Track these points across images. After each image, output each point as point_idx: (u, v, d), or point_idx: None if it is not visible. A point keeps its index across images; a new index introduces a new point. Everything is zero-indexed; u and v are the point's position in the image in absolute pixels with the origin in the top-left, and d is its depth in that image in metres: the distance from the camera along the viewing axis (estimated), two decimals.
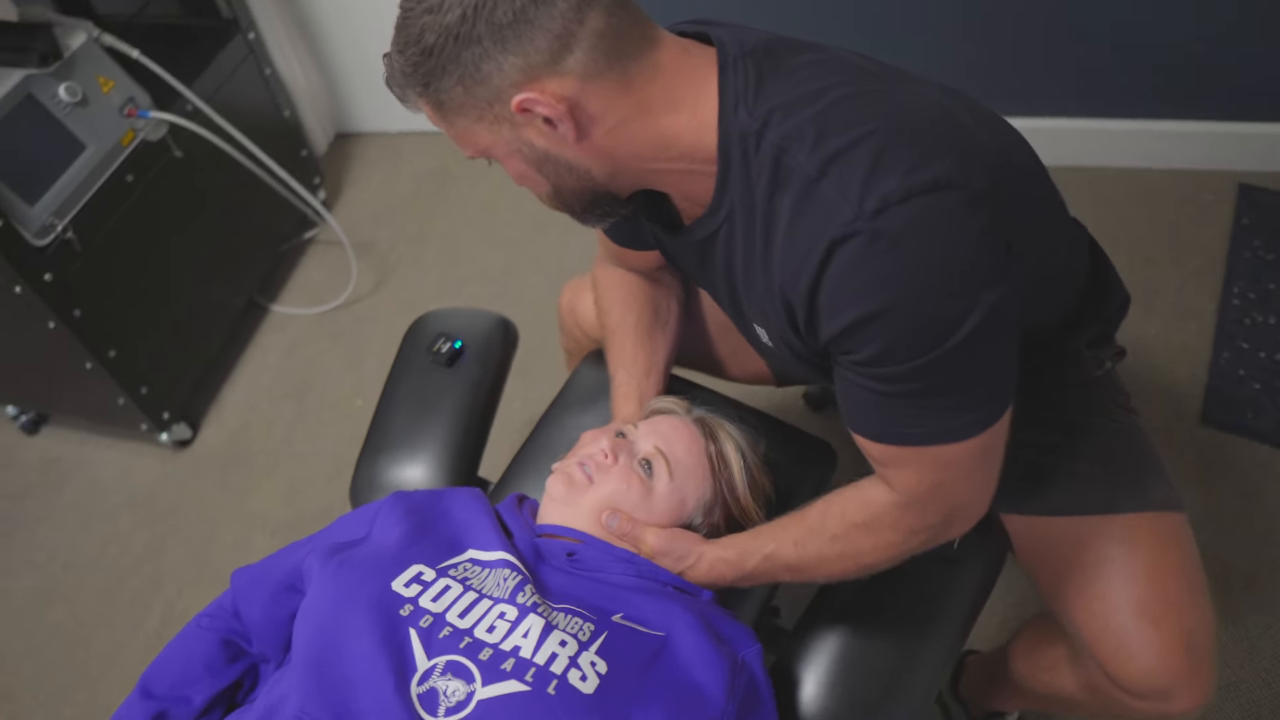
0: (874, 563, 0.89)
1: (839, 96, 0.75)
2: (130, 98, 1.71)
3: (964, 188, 0.71)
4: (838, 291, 0.73)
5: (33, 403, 2.01)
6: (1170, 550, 0.97)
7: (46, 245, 1.55)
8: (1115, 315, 1.03)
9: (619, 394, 1.15)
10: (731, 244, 0.84)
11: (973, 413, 0.78)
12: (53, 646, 1.70)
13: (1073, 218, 1.00)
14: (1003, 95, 2.11)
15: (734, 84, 0.77)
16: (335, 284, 2.24)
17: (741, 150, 0.77)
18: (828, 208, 0.71)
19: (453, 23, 0.72)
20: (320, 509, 1.83)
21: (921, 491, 0.83)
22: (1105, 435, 1.02)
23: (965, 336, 0.72)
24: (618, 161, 0.81)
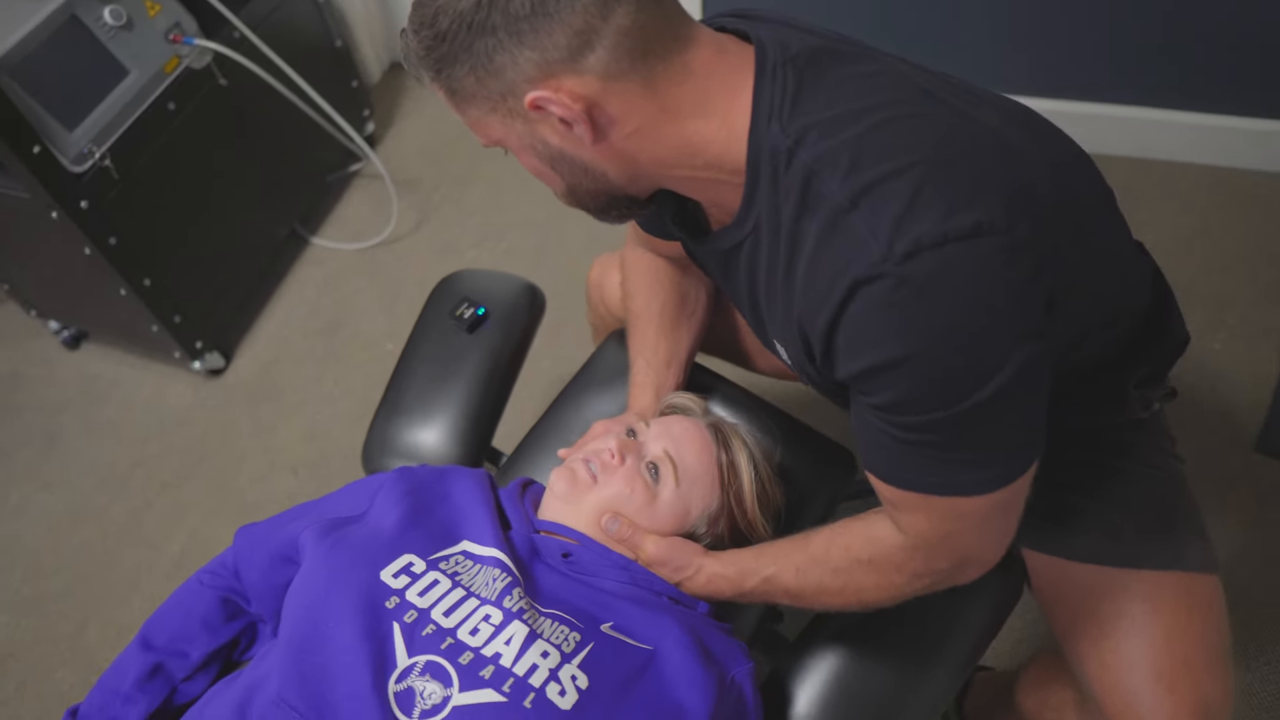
0: (875, 600, 0.86)
1: (882, 119, 0.69)
2: (176, 23, 1.68)
3: (1007, 233, 0.65)
4: (857, 334, 0.68)
5: (73, 320, 2.04)
6: (1195, 614, 0.91)
7: (84, 172, 1.54)
8: (1170, 355, 0.95)
9: (636, 384, 1.12)
10: (756, 259, 0.79)
11: (992, 469, 0.73)
12: (81, 562, 1.75)
13: (1136, 245, 0.93)
14: (1092, 83, 1.98)
15: (770, 93, 0.71)
16: (377, 220, 2.22)
17: (771, 167, 0.71)
18: (855, 243, 0.66)
19: (467, 9, 0.67)
20: (343, 451, 1.83)
21: (931, 538, 0.79)
22: (1142, 483, 0.96)
23: (990, 395, 0.67)
24: (637, 165, 0.76)
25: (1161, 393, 0.97)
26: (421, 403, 1.23)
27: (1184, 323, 0.95)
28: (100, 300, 1.78)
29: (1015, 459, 0.74)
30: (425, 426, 1.22)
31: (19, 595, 1.72)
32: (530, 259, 2.11)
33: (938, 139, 0.68)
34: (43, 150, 1.46)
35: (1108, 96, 2.00)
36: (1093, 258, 0.79)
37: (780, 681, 1.01)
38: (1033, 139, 0.75)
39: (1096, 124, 2.04)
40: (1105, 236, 0.83)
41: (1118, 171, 2.02)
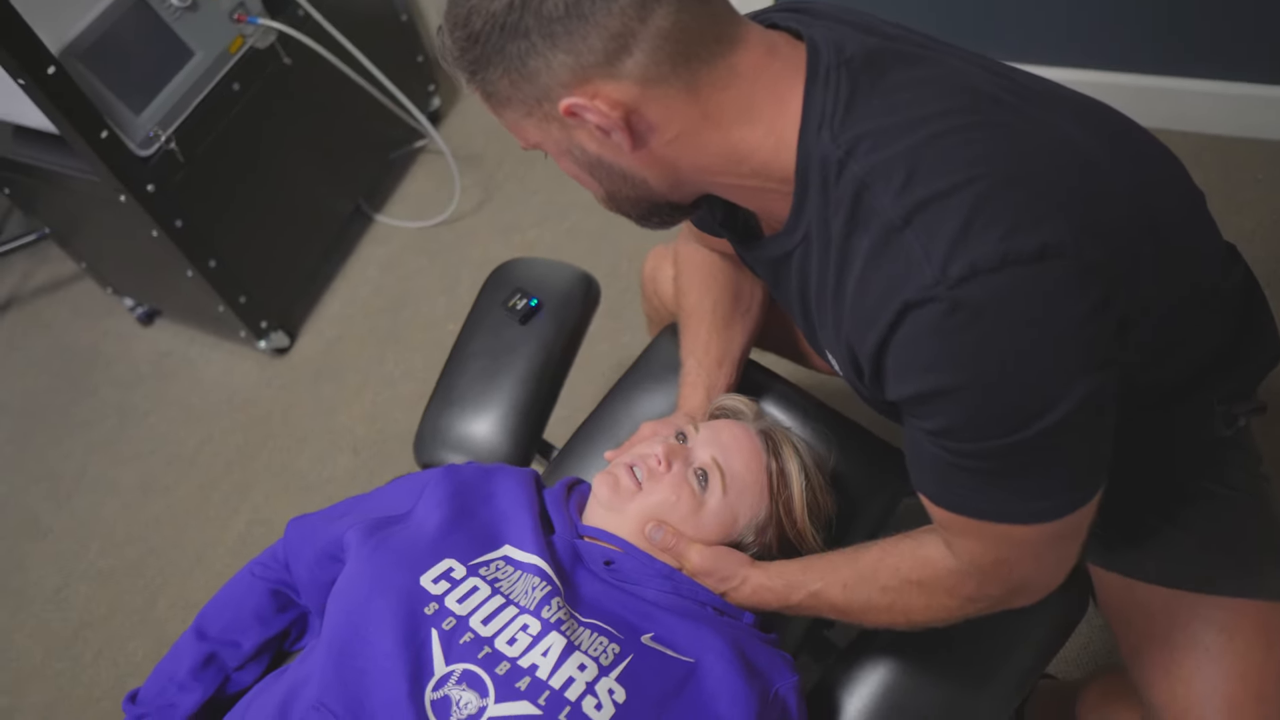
0: (925, 621, 0.83)
1: (942, 129, 0.64)
2: (240, 3, 1.69)
3: (1075, 257, 0.60)
4: (906, 359, 0.65)
5: (146, 298, 2.09)
6: (1275, 647, 0.86)
7: (150, 156, 1.57)
8: (1260, 369, 0.88)
9: (687, 383, 1.09)
10: (806, 269, 0.75)
11: (1048, 500, 0.69)
12: (152, 536, 1.81)
13: (1228, 249, 0.85)
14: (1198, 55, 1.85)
15: (821, 100, 0.67)
16: (440, 198, 2.22)
17: (821, 178, 0.67)
18: (907, 263, 0.62)
19: (499, 10, 0.64)
20: (401, 432, 1.85)
21: (984, 563, 0.75)
22: (1223, 505, 0.90)
23: (1046, 429, 0.63)
24: (679, 173, 0.73)
25: (1249, 408, 0.90)
26: (473, 395, 1.22)
27: (1276, 333, 0.88)
28: (169, 281, 1.82)
29: (1076, 490, 0.69)
30: (476, 419, 1.21)
31: (95, 567, 1.79)
32: (592, 240, 2.08)
33: (1002, 152, 0.64)
34: (110, 135, 1.48)
35: (1207, 71, 1.87)
36: (1175, 280, 0.73)
37: (828, 690, 0.98)
38: (1114, 148, 0.69)
39: (1192, 100, 1.91)
40: (1192, 255, 0.77)
41: (1215, 152, 1.90)
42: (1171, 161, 0.76)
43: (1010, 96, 0.68)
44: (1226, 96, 1.89)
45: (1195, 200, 0.77)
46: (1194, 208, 0.77)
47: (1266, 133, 1.91)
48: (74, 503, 1.89)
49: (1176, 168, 0.76)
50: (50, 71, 1.36)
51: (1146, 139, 0.75)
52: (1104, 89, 1.85)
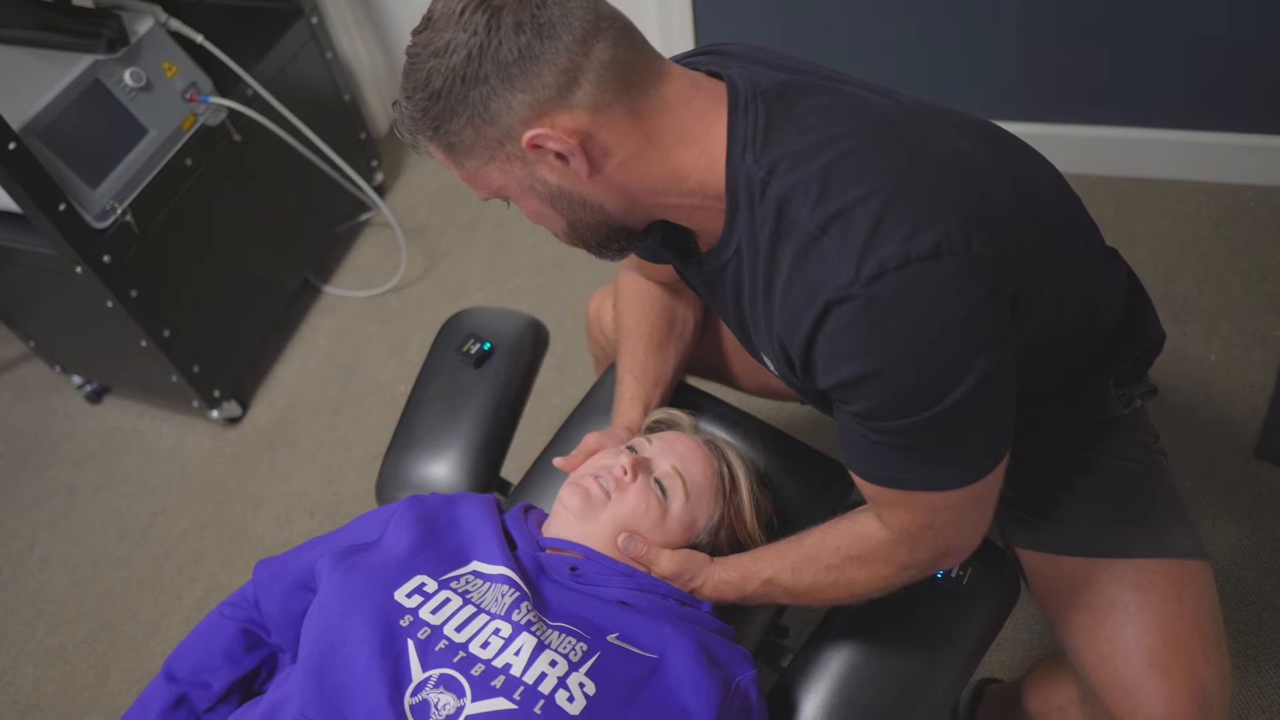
0: (866, 592, 0.91)
1: (848, 149, 0.73)
2: (193, 82, 1.76)
3: (964, 253, 0.69)
4: (831, 351, 0.73)
5: (95, 375, 2.09)
6: (1186, 600, 0.94)
7: (106, 228, 1.61)
8: (1146, 356, 0.99)
9: (624, 398, 1.16)
10: (739, 279, 0.84)
11: (963, 465, 0.78)
12: (104, 611, 1.78)
13: (1109, 251, 0.97)
14: (1081, 104, 2.04)
15: (743, 127, 0.76)
16: (387, 267, 2.28)
17: (748, 195, 0.76)
18: (826, 267, 0.71)
19: (458, 64, 0.72)
20: (358, 492, 1.87)
21: (913, 531, 0.84)
22: (1126, 477, 0.99)
23: (955, 402, 0.71)
24: (631, 195, 0.80)
25: (1142, 390, 1.01)
26: (431, 437, 1.27)
27: (1159, 323, 0.99)
28: (122, 352, 1.83)
29: (986, 456, 0.78)
30: (435, 460, 1.25)
31: (44, 646, 1.75)
32: (537, 298, 2.16)
33: (899, 165, 0.73)
34: (68, 208, 1.53)
35: (1099, 119, 2.06)
36: (1059, 263, 0.83)
37: (785, 691, 1.03)
38: (994, 154, 0.79)
39: (1089, 145, 2.09)
40: (1072, 242, 0.87)
41: (1110, 191, 2.08)
42: (1045, 164, 0.87)
43: (901, 118, 0.78)
44: (1117, 140, 2.08)
45: (1071, 200, 0.88)
46: (1070, 206, 0.88)
47: (1149, 172, 2.10)
48: (19, 582, 1.85)
49: (1050, 169, 0.87)
50: (11, 147, 1.41)
51: (1020, 145, 0.86)
52: None
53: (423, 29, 0.74)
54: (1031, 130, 2.08)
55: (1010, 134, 0.85)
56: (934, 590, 1.03)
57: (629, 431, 1.11)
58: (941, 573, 1.03)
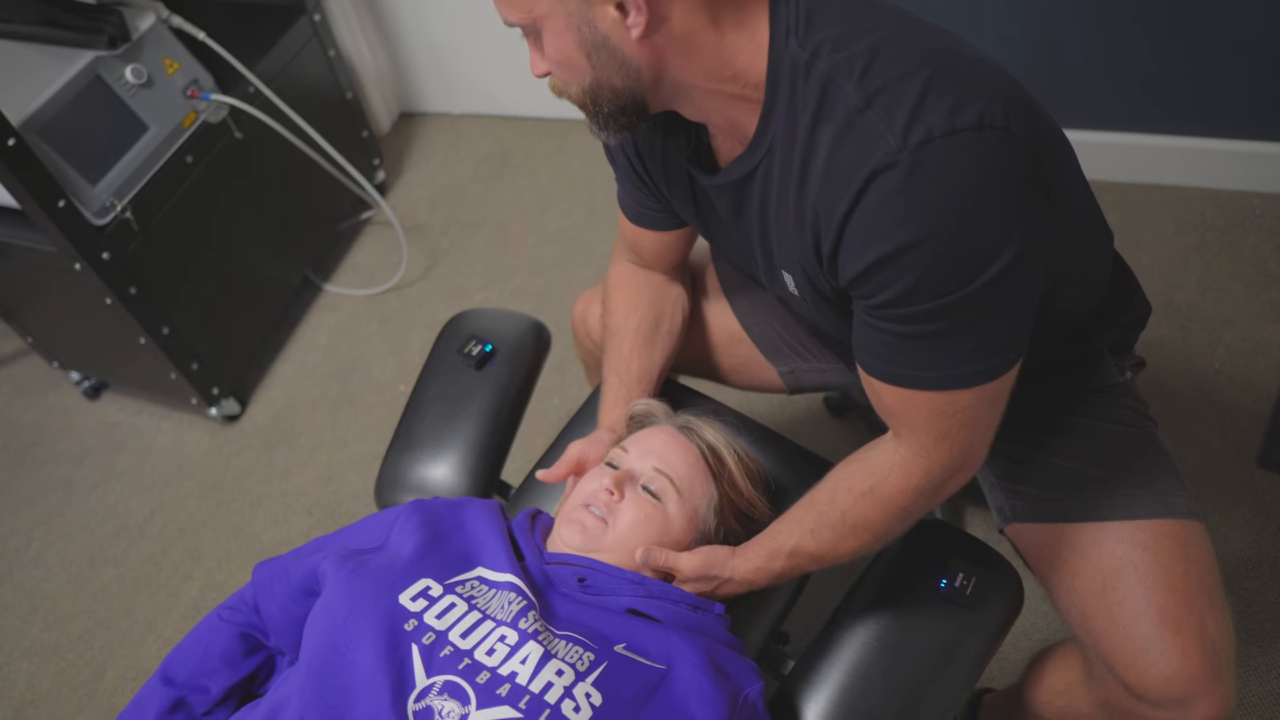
0: (886, 527, 0.91)
1: (889, 34, 0.76)
2: (194, 79, 1.75)
3: (1005, 128, 0.72)
4: (870, 224, 0.74)
5: (93, 371, 2.08)
6: (1192, 558, 0.95)
7: (105, 225, 1.60)
8: (1135, 324, 1.03)
9: (608, 399, 1.16)
10: (769, 182, 0.84)
11: (987, 359, 0.79)
12: (100, 608, 1.77)
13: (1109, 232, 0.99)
14: (1085, 108, 2.03)
15: (785, 15, 0.77)
16: (387, 266, 2.28)
17: (790, 80, 0.77)
18: (871, 137, 0.72)
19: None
20: (356, 491, 1.86)
21: (928, 441, 0.84)
22: (1123, 440, 1.01)
23: (995, 276, 0.73)
24: (667, 70, 0.79)
25: (1131, 361, 1.03)
26: (432, 439, 1.26)
27: (1144, 295, 1.03)
28: (121, 349, 1.82)
29: (1007, 350, 0.80)
30: (436, 462, 1.25)
31: (39, 642, 1.75)
32: (537, 299, 2.15)
33: (938, 49, 0.76)
34: (67, 204, 1.52)
35: (1104, 124, 2.05)
36: (1072, 181, 0.86)
37: (786, 700, 1.02)
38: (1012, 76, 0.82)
39: (1094, 150, 2.08)
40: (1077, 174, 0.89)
41: (1115, 196, 2.07)
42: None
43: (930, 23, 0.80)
44: (1122, 146, 2.07)
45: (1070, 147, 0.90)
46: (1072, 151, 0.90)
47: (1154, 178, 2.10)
48: (15, 578, 1.85)
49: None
50: (10, 143, 1.40)
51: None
52: None
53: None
54: None
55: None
56: (938, 599, 1.02)
57: (611, 433, 1.10)
58: (945, 581, 1.03)
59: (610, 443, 1.07)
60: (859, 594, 1.05)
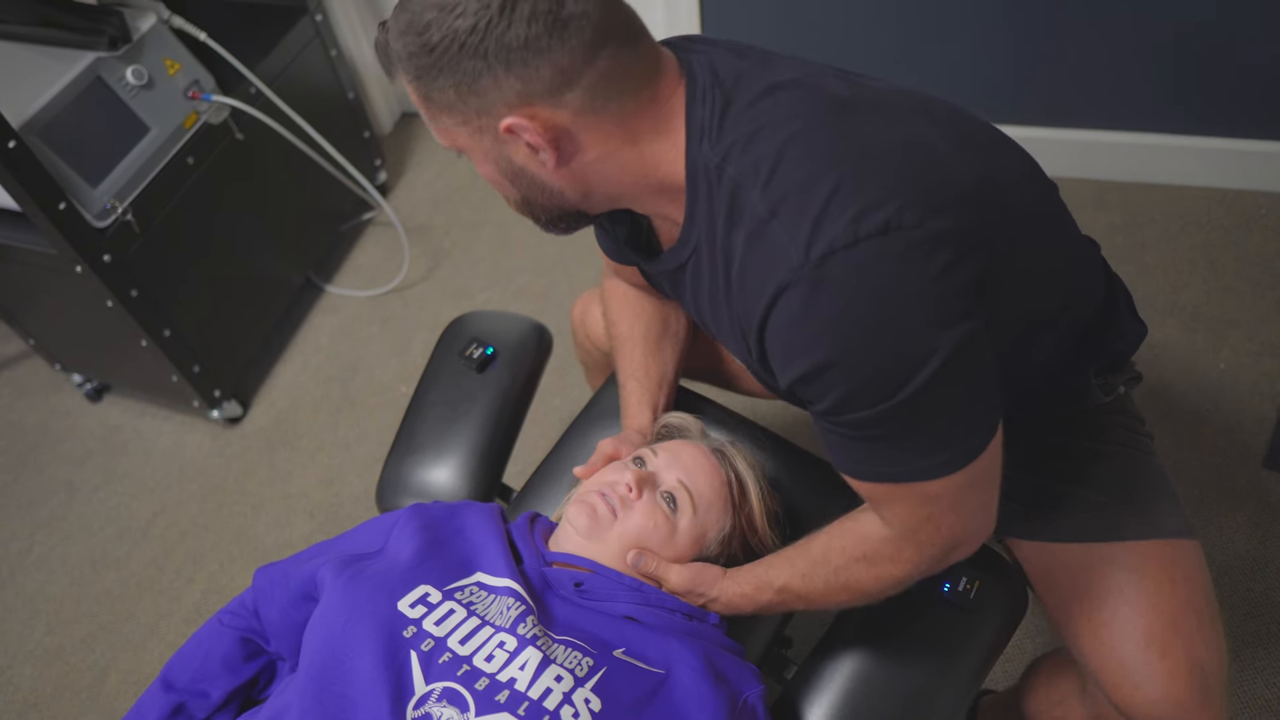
0: (879, 592, 0.89)
1: (798, 130, 0.73)
2: (195, 80, 1.75)
3: (917, 228, 0.68)
4: (786, 340, 0.72)
5: (95, 373, 2.08)
6: (1179, 579, 0.94)
7: (106, 227, 1.60)
8: (1127, 348, 0.99)
9: (631, 402, 1.15)
10: (699, 277, 0.83)
11: (949, 451, 0.75)
12: (102, 612, 1.77)
13: (1086, 240, 0.96)
14: (1090, 108, 2.02)
15: (700, 115, 0.75)
16: (389, 267, 2.27)
17: (706, 184, 0.76)
18: (776, 250, 0.70)
19: (462, 30, 0.69)
20: (358, 494, 1.86)
21: (913, 525, 0.82)
22: (1113, 460, 0.99)
23: (925, 383, 0.69)
24: (593, 187, 0.80)
25: (1125, 377, 1.01)
26: (433, 442, 1.26)
27: (1138, 317, 0.99)
28: (122, 352, 1.82)
29: (971, 437, 0.76)
30: (437, 465, 1.24)
31: (41, 646, 1.74)
32: (540, 300, 2.15)
33: (850, 147, 0.72)
34: (68, 206, 1.51)
35: (1110, 124, 2.04)
36: (1029, 248, 0.82)
37: (790, 703, 1.02)
38: (959, 138, 0.78)
39: (1098, 150, 2.08)
40: (1044, 229, 0.86)
41: (1119, 196, 2.06)
42: (1016, 152, 0.86)
43: (860, 101, 0.77)
44: (1126, 145, 2.06)
45: (1043, 186, 0.87)
46: (1042, 190, 0.87)
47: (1159, 178, 2.09)
48: (18, 581, 1.84)
49: (1022, 157, 0.86)
50: (11, 145, 1.39)
51: (989, 131, 0.85)
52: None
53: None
54: (1042, 134, 2.07)
55: (981, 121, 0.85)
56: (941, 603, 1.02)
57: (641, 435, 1.10)
58: (948, 585, 1.02)
59: (640, 445, 1.07)
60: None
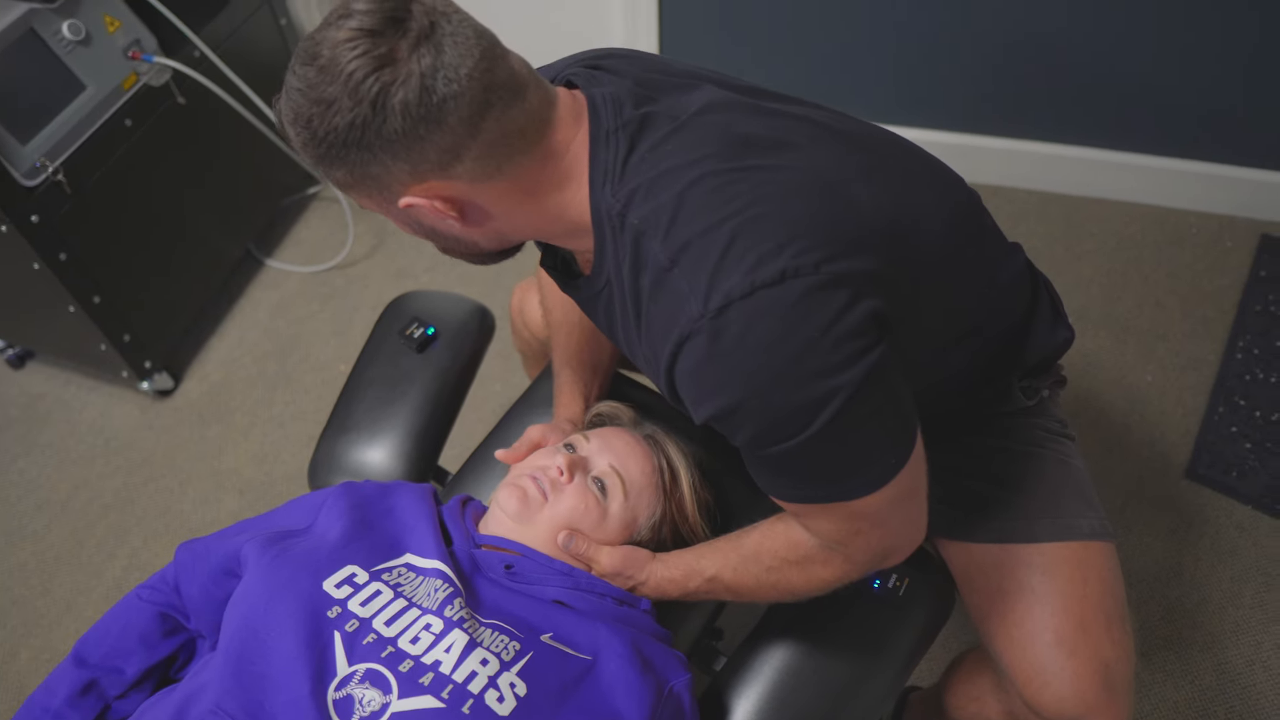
0: (808, 592, 0.90)
1: (700, 175, 0.73)
2: (136, 40, 1.69)
3: (812, 274, 0.69)
4: (692, 386, 0.74)
5: (18, 339, 2.01)
6: (1090, 580, 0.96)
7: (35, 186, 1.54)
8: (1053, 353, 1.01)
9: (564, 390, 1.15)
10: (612, 307, 0.84)
11: (866, 472, 0.76)
12: (14, 586, 1.71)
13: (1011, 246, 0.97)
14: (1025, 120, 2.07)
15: (603, 160, 0.76)
16: (332, 243, 2.23)
17: (610, 228, 0.77)
18: (677, 299, 0.71)
19: (341, 126, 0.69)
20: (291, 473, 1.82)
21: (840, 538, 0.83)
22: (1031, 463, 1.01)
23: (831, 417, 0.70)
24: (506, 235, 0.82)
25: (1050, 380, 1.03)
26: (369, 422, 1.24)
27: (1068, 325, 1.01)
28: (48, 317, 1.76)
29: (887, 457, 0.77)
30: (372, 445, 1.22)
31: None
32: (484, 284, 2.12)
33: (750, 193, 0.72)
34: None
35: (1052, 136, 2.09)
36: (939, 285, 0.83)
37: (718, 695, 1.02)
38: (871, 168, 0.79)
39: (1047, 162, 2.13)
40: (960, 255, 0.87)
41: (1061, 208, 2.12)
42: (939, 174, 0.87)
43: (765, 138, 0.77)
44: (1069, 159, 2.11)
45: (967, 209, 0.89)
46: (965, 212, 0.88)
47: (1100, 192, 2.14)
48: None
49: (945, 180, 0.87)
50: None
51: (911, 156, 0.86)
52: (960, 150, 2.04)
53: (308, 63, 0.69)
54: (991, 144, 2.11)
55: (907, 146, 0.86)
56: (871, 599, 1.03)
57: (572, 424, 1.10)
58: (878, 582, 1.04)
59: (570, 432, 1.07)
60: None
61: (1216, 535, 1.59)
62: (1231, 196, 2.06)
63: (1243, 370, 1.79)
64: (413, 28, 0.67)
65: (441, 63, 0.67)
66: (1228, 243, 2.04)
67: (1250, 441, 1.68)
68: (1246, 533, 1.59)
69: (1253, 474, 1.63)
